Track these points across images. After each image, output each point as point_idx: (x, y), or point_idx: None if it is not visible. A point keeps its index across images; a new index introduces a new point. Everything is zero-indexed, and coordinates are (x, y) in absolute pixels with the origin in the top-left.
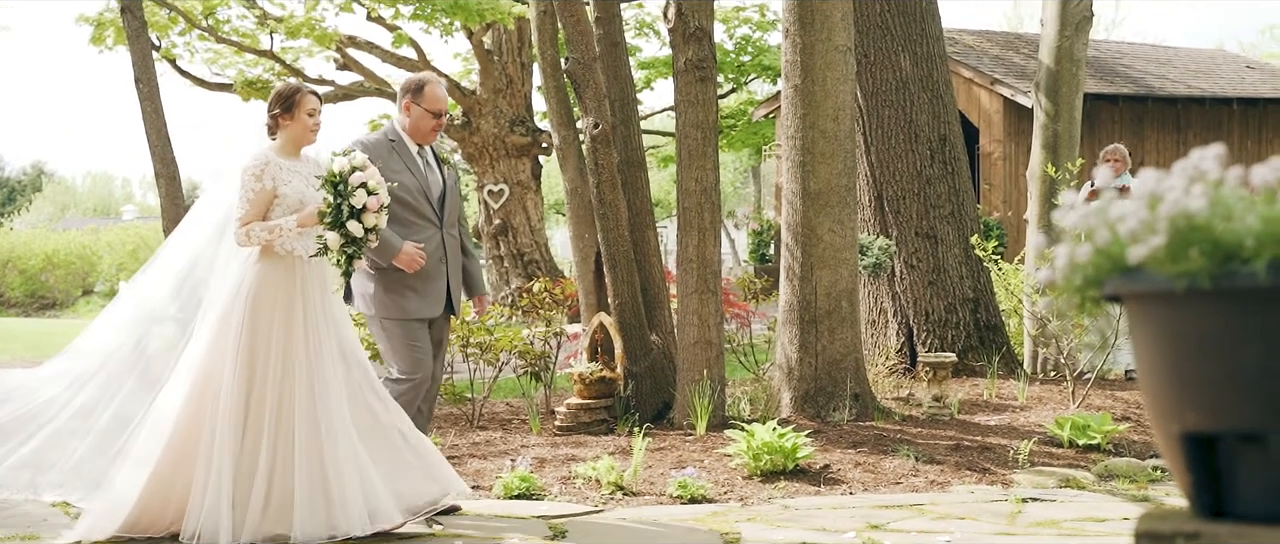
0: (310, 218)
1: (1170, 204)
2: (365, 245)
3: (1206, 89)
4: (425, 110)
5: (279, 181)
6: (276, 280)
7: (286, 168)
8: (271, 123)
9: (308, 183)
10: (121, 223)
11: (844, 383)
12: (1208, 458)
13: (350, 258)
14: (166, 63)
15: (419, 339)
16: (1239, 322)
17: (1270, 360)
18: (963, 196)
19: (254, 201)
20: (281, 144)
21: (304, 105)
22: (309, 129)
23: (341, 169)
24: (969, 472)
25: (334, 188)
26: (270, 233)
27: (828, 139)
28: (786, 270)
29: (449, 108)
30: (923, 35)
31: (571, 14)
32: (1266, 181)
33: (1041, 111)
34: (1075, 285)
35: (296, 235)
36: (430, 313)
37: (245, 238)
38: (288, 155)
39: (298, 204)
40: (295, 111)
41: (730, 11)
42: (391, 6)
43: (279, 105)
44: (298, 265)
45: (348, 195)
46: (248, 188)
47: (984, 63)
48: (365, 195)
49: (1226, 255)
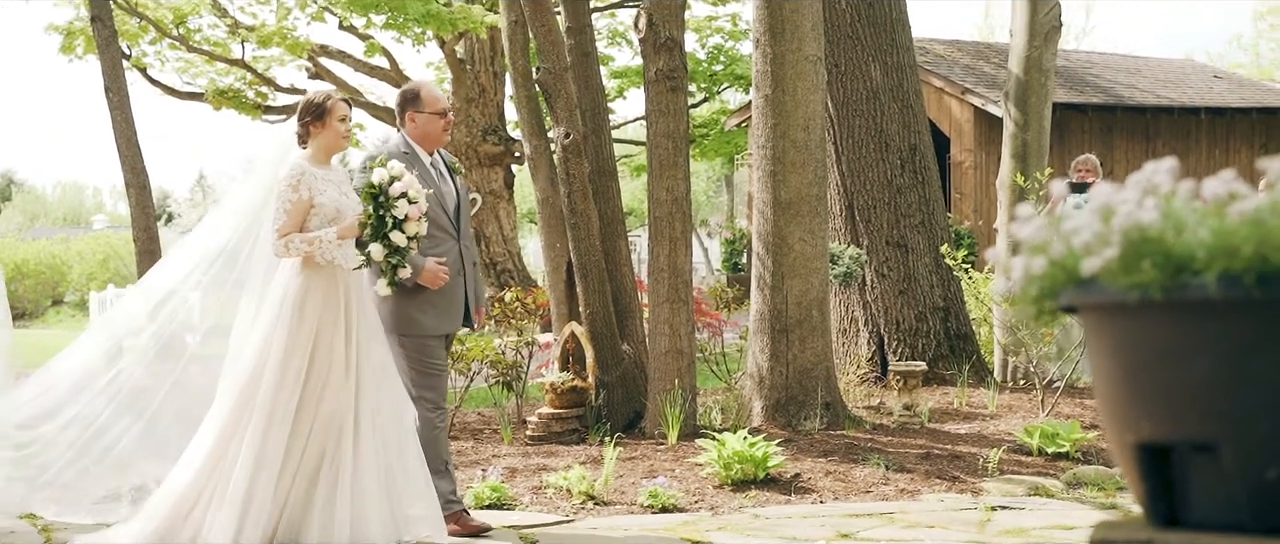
0: (351, 229)
1: (1123, 216)
2: (408, 255)
3: (1175, 98)
4: (430, 114)
5: (315, 191)
6: (321, 289)
7: (320, 177)
8: (302, 131)
9: (342, 191)
10: (92, 232)
11: (815, 392)
12: (1161, 468)
13: (395, 268)
14: (137, 72)
15: (437, 357)
16: (1191, 333)
17: (1222, 371)
18: (933, 206)
19: (291, 212)
20: (313, 152)
21: (335, 112)
22: (341, 136)
23: (381, 180)
24: (939, 480)
25: (374, 199)
26: (310, 245)
27: (799, 148)
28: (758, 279)
29: (449, 104)
30: (893, 45)
31: (543, 24)
32: (1218, 194)
33: (1011, 121)
34: (1032, 297)
35: (336, 246)
36: (449, 328)
37: (284, 249)
38: (320, 164)
39: (334, 213)
40: (327, 119)
41: (702, 21)
42: (363, 16)
43: (310, 114)
44: (339, 274)
45: (389, 206)
46: (284, 199)
47: (955, 72)
48: (407, 205)
49: (1178, 267)
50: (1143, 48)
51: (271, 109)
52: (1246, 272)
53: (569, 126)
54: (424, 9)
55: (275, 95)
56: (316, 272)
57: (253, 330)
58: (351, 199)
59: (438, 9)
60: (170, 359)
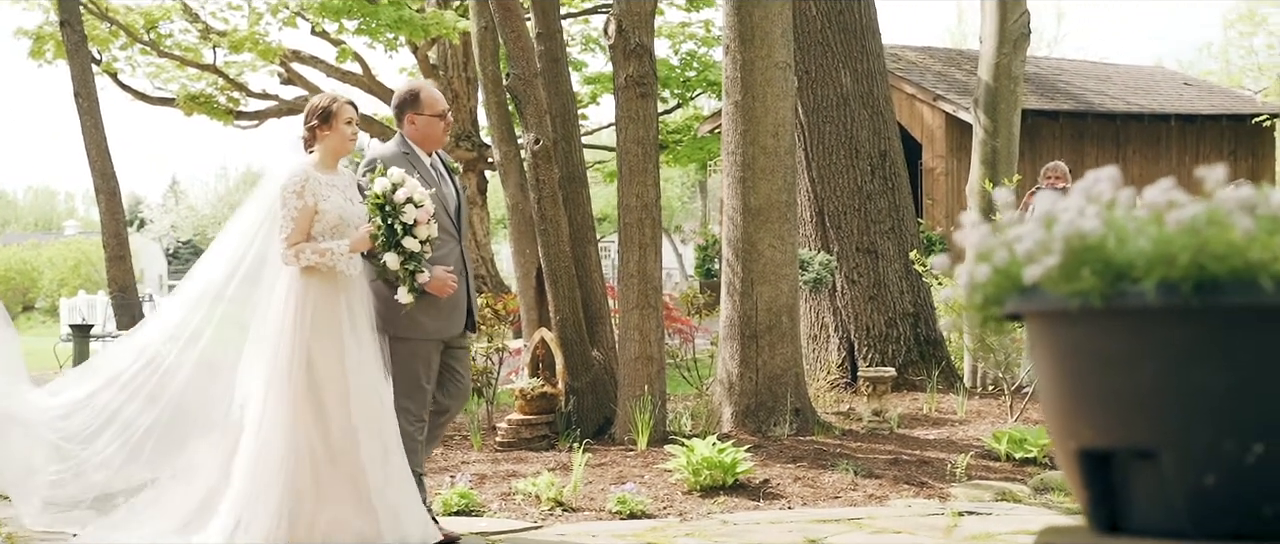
0: (362, 242)
1: (1065, 224)
2: (423, 259)
3: (1145, 105)
4: (430, 116)
5: (319, 197)
6: (325, 291)
7: (325, 182)
8: (309, 135)
9: (346, 197)
10: (63, 238)
11: (784, 398)
12: (1103, 474)
13: (413, 274)
14: (108, 77)
15: (429, 366)
16: (1131, 340)
17: (1161, 378)
18: (903, 212)
19: (298, 219)
20: (320, 157)
21: (342, 115)
22: (348, 139)
23: (384, 189)
24: (907, 485)
25: (380, 209)
26: (320, 255)
27: (768, 155)
28: (727, 286)
29: (448, 107)
30: (863, 51)
31: (512, 30)
32: (1157, 203)
33: (980, 128)
34: (977, 304)
35: (346, 259)
36: (450, 332)
37: (293, 258)
38: (326, 168)
39: (337, 219)
40: (334, 122)
41: (676, 27)
42: (335, 21)
43: (317, 117)
44: (341, 277)
45: (397, 213)
46: (290, 206)
47: (926, 79)
48: (413, 210)
49: (1118, 275)
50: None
51: (243, 114)
52: (1184, 280)
53: (539, 133)
54: (396, 14)
55: (247, 101)
56: (319, 274)
57: (262, 334)
58: (356, 205)
59: (410, 14)
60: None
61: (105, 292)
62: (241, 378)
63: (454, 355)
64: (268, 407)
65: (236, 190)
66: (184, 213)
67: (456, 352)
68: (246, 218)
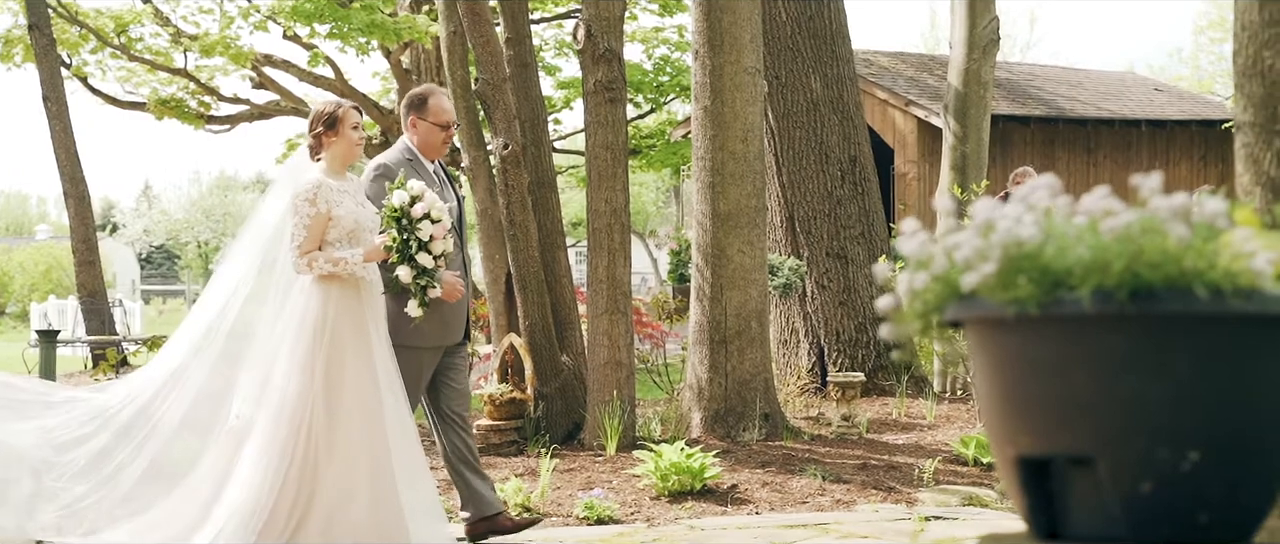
0: (377, 253)
1: (1003, 232)
2: (437, 275)
3: (1116, 111)
4: (432, 124)
5: (332, 204)
6: (343, 299)
7: (337, 189)
8: (314, 142)
9: (358, 202)
10: (35, 242)
11: (754, 403)
12: (1041, 481)
13: (424, 289)
14: (78, 81)
15: (424, 373)
16: (1067, 348)
17: (1097, 386)
18: (873, 217)
19: (311, 227)
20: (327, 164)
21: (347, 120)
22: (355, 144)
23: (402, 202)
24: (875, 491)
25: (397, 223)
26: (335, 265)
27: (737, 160)
28: (697, 291)
29: (455, 117)
30: (833, 57)
31: (481, 35)
32: (1093, 210)
33: (950, 133)
34: (917, 311)
35: (361, 268)
36: (452, 339)
37: (306, 267)
38: (335, 175)
39: (351, 224)
40: (340, 128)
41: (650, 32)
42: (307, 25)
43: (322, 124)
44: (361, 284)
45: (413, 228)
46: (303, 214)
47: (899, 84)
48: (430, 225)
49: (1055, 283)
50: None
51: (215, 119)
52: (1119, 288)
53: (508, 137)
54: (368, 19)
55: (219, 105)
56: (334, 282)
57: (277, 345)
58: (368, 209)
59: (382, 18)
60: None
61: (76, 296)
62: (244, 383)
63: (453, 364)
64: (275, 414)
65: (209, 194)
66: (157, 217)
67: (455, 360)
68: (259, 228)
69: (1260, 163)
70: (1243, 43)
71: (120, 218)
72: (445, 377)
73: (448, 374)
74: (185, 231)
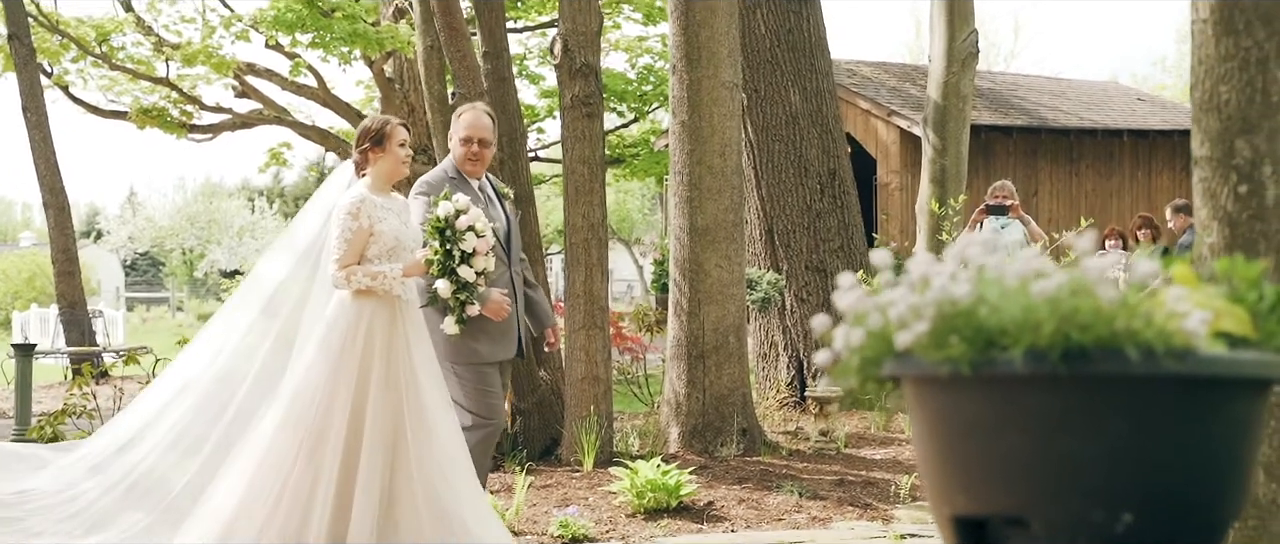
0: (417, 267)
1: (937, 289)
2: (476, 291)
3: (1098, 121)
4: (457, 140)
5: (375, 219)
6: (373, 314)
7: (380, 205)
8: (360, 158)
9: (402, 220)
10: (19, 249)
11: (731, 418)
12: (978, 541)
13: (463, 305)
14: (59, 90)
15: (492, 384)
16: (1001, 408)
17: (1031, 446)
18: (852, 230)
19: (352, 241)
20: (372, 180)
21: (395, 137)
22: (401, 161)
23: (447, 214)
24: (851, 507)
25: (440, 234)
26: (373, 279)
27: (715, 175)
28: (675, 306)
29: (486, 134)
30: (812, 70)
31: (458, 49)
32: (1023, 273)
33: (929, 146)
34: (854, 366)
35: (399, 283)
36: (503, 356)
37: (345, 281)
38: (379, 191)
39: (393, 241)
40: (387, 144)
41: (633, 41)
42: (289, 35)
43: (369, 140)
44: (397, 300)
45: (456, 240)
46: (345, 228)
47: (881, 94)
48: (474, 238)
49: (988, 342)
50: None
51: (197, 128)
52: (1051, 348)
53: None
54: (350, 28)
55: (201, 114)
56: (370, 296)
57: (305, 353)
58: (410, 228)
59: (364, 28)
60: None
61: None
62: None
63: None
64: (281, 421)
65: (194, 201)
66: (141, 224)
67: (503, 375)
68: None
69: (1217, 197)
70: (1199, 77)
71: (105, 224)
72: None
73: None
74: (170, 239)
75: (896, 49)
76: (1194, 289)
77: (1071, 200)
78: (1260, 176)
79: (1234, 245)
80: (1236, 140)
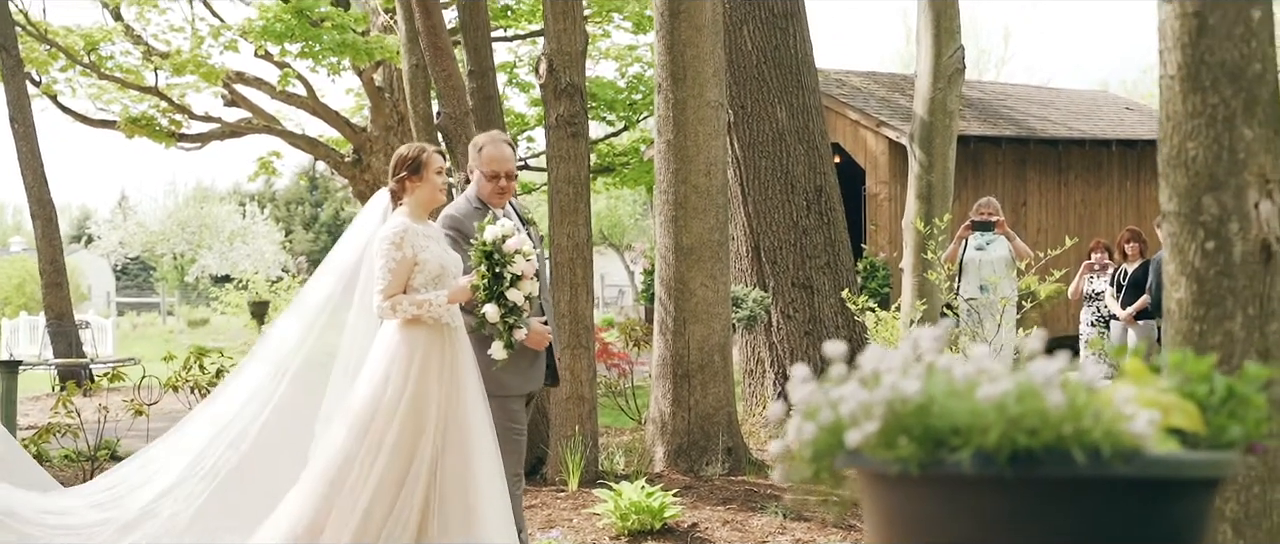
0: (462, 292)
1: (887, 387)
2: (523, 315)
3: (1087, 131)
4: (481, 173)
5: (418, 248)
6: (425, 343)
7: (422, 234)
8: (397, 187)
9: (443, 247)
10: (9, 254)
11: (717, 437)
12: None
13: (511, 328)
14: (48, 99)
15: (518, 419)
16: (950, 507)
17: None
18: (838, 247)
19: (396, 271)
20: (410, 208)
21: (432, 165)
22: (439, 189)
23: (495, 237)
24: (836, 529)
25: (488, 257)
26: (419, 307)
27: (700, 194)
28: (660, 324)
29: (511, 167)
30: (799, 87)
31: (443, 69)
32: (969, 375)
33: (916, 162)
34: (808, 459)
35: (445, 309)
36: (532, 387)
37: (390, 311)
38: (418, 219)
39: (438, 269)
40: (424, 172)
41: (623, 50)
42: (278, 44)
43: (405, 168)
44: (446, 328)
45: (505, 262)
46: (389, 257)
47: (870, 105)
48: (523, 262)
49: (937, 442)
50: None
51: (185, 137)
52: (999, 451)
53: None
54: (339, 38)
55: (190, 123)
56: (419, 325)
57: (361, 376)
58: (452, 255)
59: (353, 38)
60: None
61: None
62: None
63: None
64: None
65: (185, 206)
66: (133, 229)
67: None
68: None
69: (1185, 253)
70: (1167, 132)
71: (96, 229)
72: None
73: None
74: (161, 244)
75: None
76: (1144, 385)
77: (1060, 210)
78: (1227, 233)
79: (1202, 301)
80: (1204, 197)
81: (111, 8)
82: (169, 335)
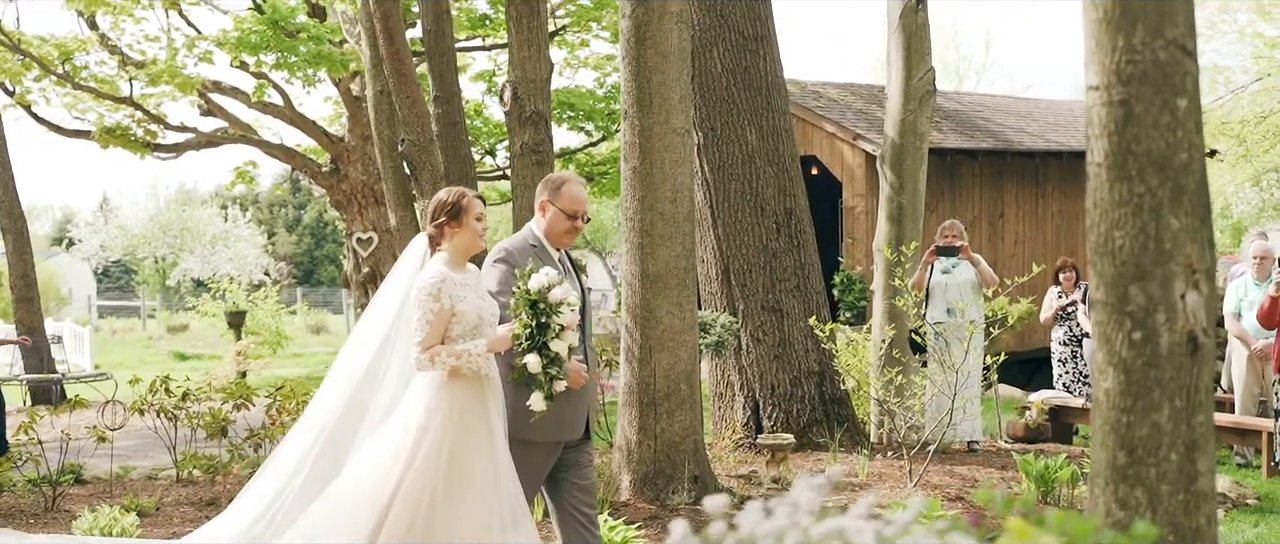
0: (501, 342)
1: None
2: (564, 365)
3: (1063, 142)
4: (560, 211)
5: (455, 298)
6: (470, 391)
7: (459, 283)
8: (435, 233)
9: (480, 295)
10: None
11: (683, 465)
12: None
13: (552, 379)
14: (21, 109)
15: (537, 472)
16: None
17: None
18: (808, 270)
19: (434, 323)
20: (449, 255)
21: (472, 210)
22: (478, 235)
23: (541, 287)
24: None
25: (532, 307)
26: (458, 358)
27: (666, 221)
28: (626, 352)
29: (587, 209)
30: (768, 109)
31: (407, 96)
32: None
33: (887, 183)
34: None
35: (484, 359)
36: (571, 435)
37: (429, 362)
38: (456, 267)
39: (475, 320)
40: (464, 218)
41: (602, 59)
42: (253, 55)
43: (445, 214)
44: (484, 379)
45: (551, 313)
46: (427, 309)
47: (847, 117)
48: (568, 313)
49: None
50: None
51: (161, 147)
52: None
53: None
54: (315, 50)
55: (165, 133)
56: (458, 376)
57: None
58: (490, 303)
59: (329, 49)
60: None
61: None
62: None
63: (576, 460)
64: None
65: (167, 209)
66: (114, 232)
67: (578, 456)
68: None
69: (1113, 343)
70: (1094, 220)
71: (77, 232)
72: (567, 474)
73: (570, 471)
74: (143, 246)
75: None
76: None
77: (1037, 222)
78: (1154, 324)
79: (1129, 392)
80: (1130, 286)
81: (87, 17)
82: (148, 342)
